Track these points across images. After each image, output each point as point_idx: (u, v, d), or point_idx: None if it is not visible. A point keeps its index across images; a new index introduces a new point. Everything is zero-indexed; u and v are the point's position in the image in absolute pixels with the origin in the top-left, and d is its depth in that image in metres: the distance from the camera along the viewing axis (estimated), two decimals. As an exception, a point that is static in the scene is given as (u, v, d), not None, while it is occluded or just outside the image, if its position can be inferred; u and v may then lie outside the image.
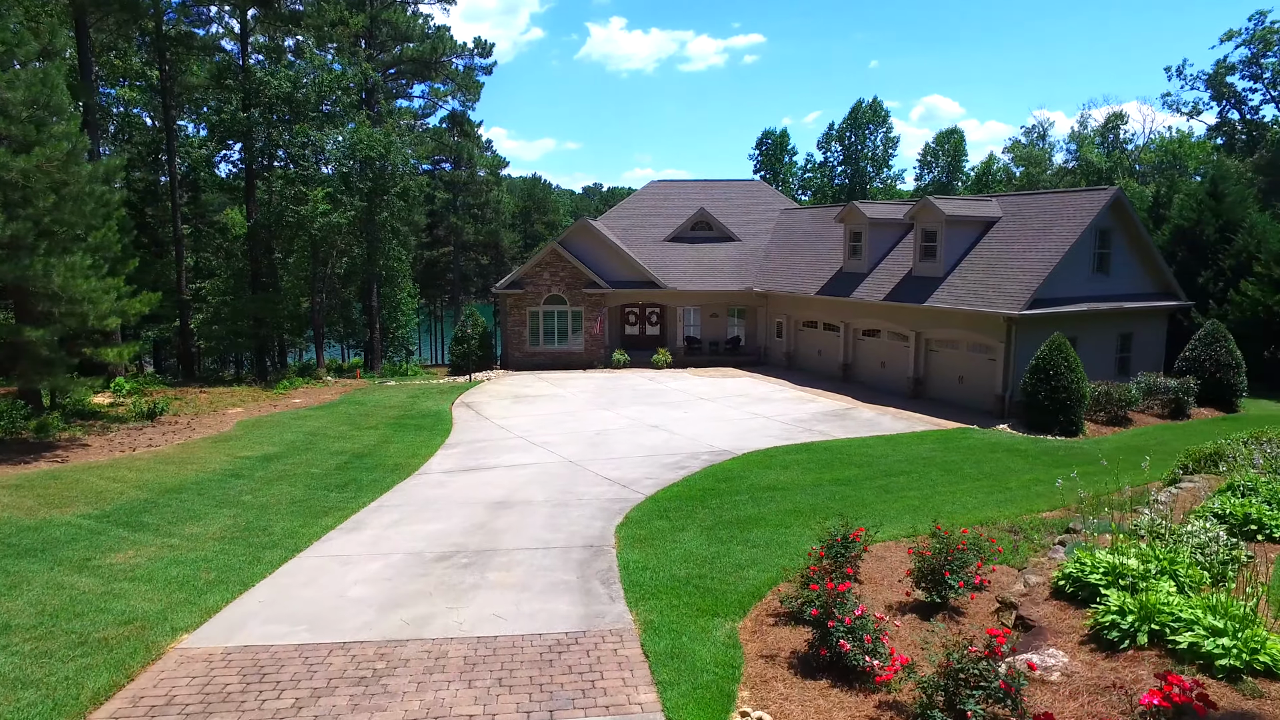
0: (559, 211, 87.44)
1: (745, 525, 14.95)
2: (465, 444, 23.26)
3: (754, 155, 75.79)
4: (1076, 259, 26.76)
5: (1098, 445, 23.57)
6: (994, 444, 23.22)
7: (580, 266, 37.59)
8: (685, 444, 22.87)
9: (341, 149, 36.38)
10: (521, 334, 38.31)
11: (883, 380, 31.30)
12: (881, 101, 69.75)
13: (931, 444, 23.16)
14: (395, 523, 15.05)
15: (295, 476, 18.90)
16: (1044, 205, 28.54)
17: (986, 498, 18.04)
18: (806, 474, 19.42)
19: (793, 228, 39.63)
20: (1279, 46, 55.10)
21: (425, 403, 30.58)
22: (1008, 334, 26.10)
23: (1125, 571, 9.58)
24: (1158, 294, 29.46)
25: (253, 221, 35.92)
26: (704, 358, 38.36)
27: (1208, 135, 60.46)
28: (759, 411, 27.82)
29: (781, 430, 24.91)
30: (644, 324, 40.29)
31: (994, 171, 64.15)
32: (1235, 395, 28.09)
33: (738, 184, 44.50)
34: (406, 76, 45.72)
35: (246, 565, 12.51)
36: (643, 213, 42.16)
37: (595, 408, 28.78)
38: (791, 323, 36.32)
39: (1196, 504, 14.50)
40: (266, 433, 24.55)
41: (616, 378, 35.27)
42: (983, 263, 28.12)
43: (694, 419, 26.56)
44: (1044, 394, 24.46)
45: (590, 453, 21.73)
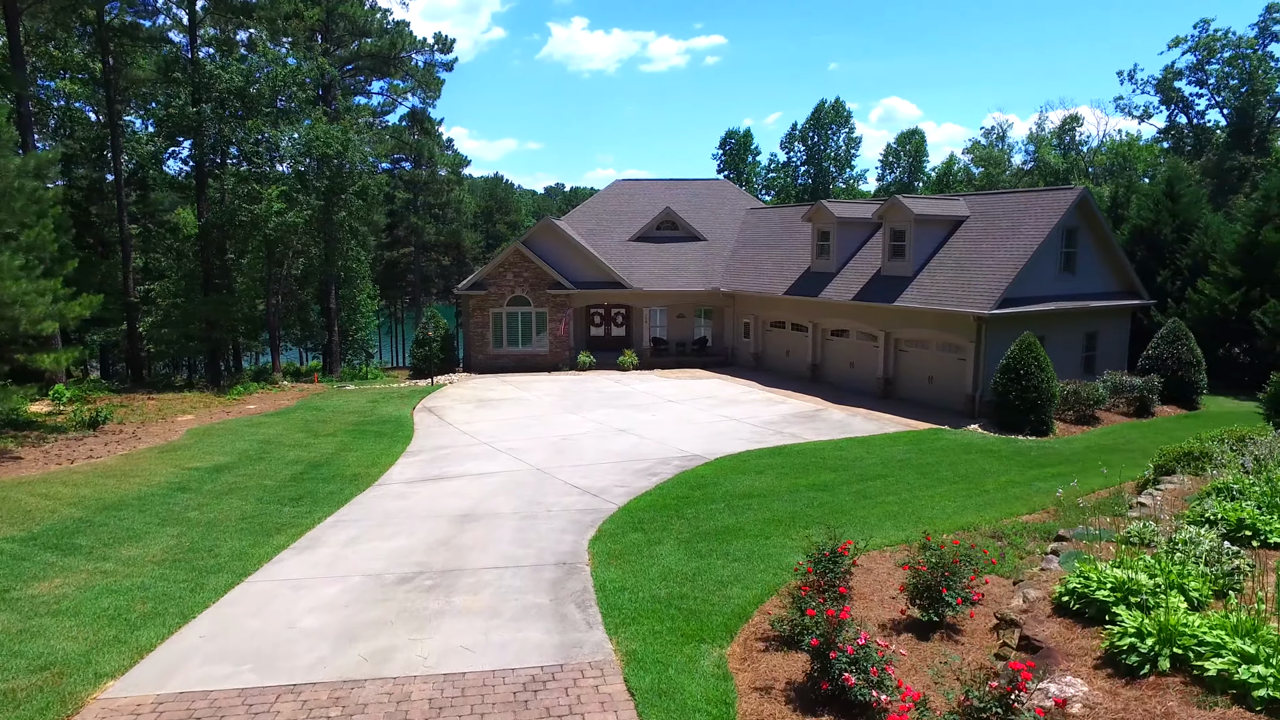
0: (521, 212, 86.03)
1: (724, 537, 14.14)
2: (428, 451, 22.16)
3: (717, 155, 75.32)
4: (1044, 258, 26.46)
5: (1068, 445, 23.23)
6: (967, 445, 22.74)
7: (544, 267, 36.55)
8: (655, 449, 22.03)
9: (297, 146, 34.89)
10: (485, 336, 37.16)
11: (852, 381, 30.78)
12: (844, 102, 69.83)
13: (905, 446, 22.62)
14: (353, 540, 13.96)
15: (247, 489, 17.66)
16: (1011, 205, 28.21)
17: (965, 501, 17.47)
18: (782, 479, 18.69)
19: (759, 227, 39.01)
20: (1222, 54, 56.01)
21: (385, 408, 29.35)
22: (978, 333, 25.69)
23: (1136, 588, 8.92)
24: (1122, 293, 29.33)
25: (204, 221, 34.27)
26: (670, 359, 37.57)
27: (1158, 138, 61.29)
28: (728, 414, 27.09)
29: (752, 433, 24.20)
30: (609, 325, 39.37)
31: (955, 172, 64.41)
32: (1196, 393, 28.05)
33: (703, 183, 43.80)
34: (365, 73, 44.20)
35: (188, 593, 11.32)
36: (607, 212, 41.24)
37: (561, 411, 27.81)
38: (759, 323, 35.69)
39: (1182, 506, 14.02)
40: (218, 441, 23.18)
41: (582, 380, 34.32)
42: (952, 262, 27.70)
43: (663, 422, 25.74)
44: (1015, 394, 24.07)
45: (558, 459, 20.78)
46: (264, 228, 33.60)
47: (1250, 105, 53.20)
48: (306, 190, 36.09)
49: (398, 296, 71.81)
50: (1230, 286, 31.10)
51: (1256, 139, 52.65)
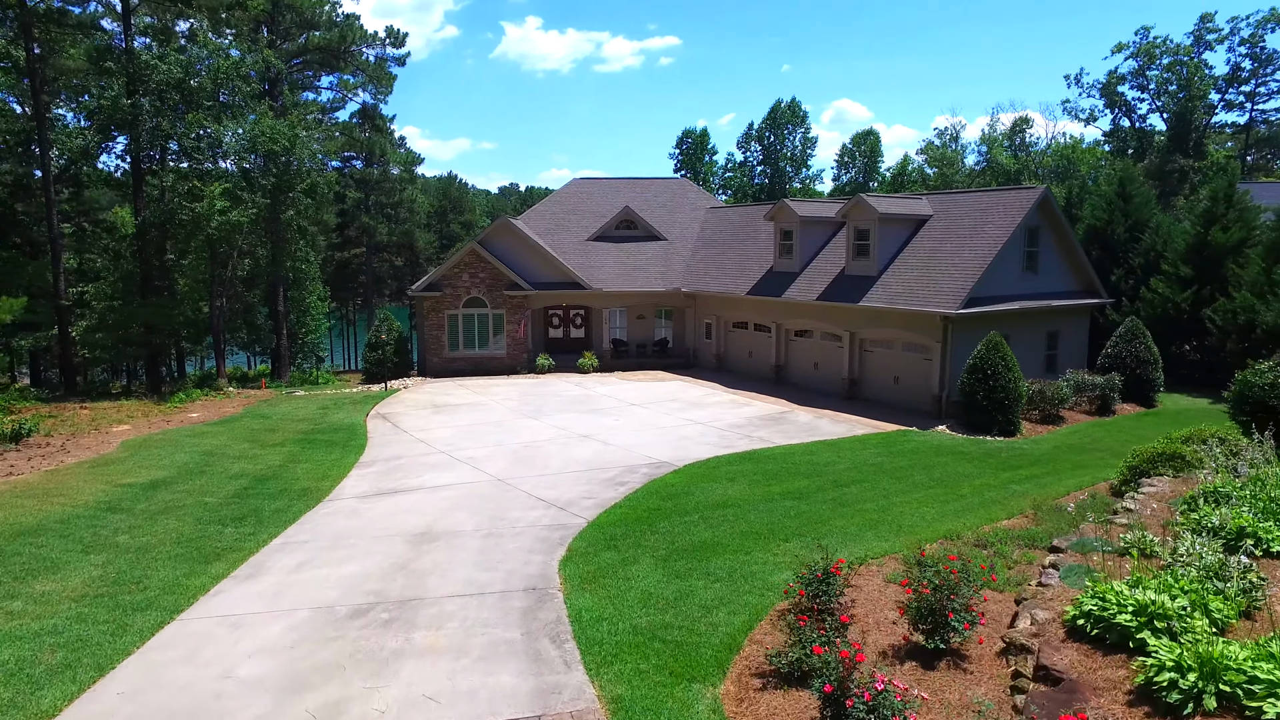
0: (475, 212, 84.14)
1: (702, 553, 13.15)
2: (382, 462, 20.79)
3: (674, 154, 74.43)
4: (1008, 257, 26.05)
5: (1037, 445, 22.78)
6: (937, 447, 22.13)
7: (501, 267, 35.23)
8: (621, 455, 20.99)
9: (242, 142, 33.00)
10: (440, 339, 35.70)
11: (817, 381, 30.09)
12: (800, 102, 69.41)
13: (875, 448, 21.93)
14: (302, 565, 12.63)
15: (185, 508, 16.14)
16: (974, 204, 27.78)
17: (943, 507, 16.76)
18: (755, 487, 17.79)
19: (720, 226, 38.18)
20: (1161, 60, 56.96)
21: (337, 415, 27.81)
22: (944, 333, 25.15)
23: (1161, 612, 8.14)
24: (1082, 292, 29.13)
25: (141, 220, 32.20)
26: (631, 361, 36.53)
27: (1100, 141, 62.17)
28: (693, 417, 26.16)
29: (719, 437, 23.30)
30: (568, 326, 38.19)
31: (909, 172, 64.54)
32: (1154, 391, 27.94)
33: (662, 182, 42.83)
34: (313, 67, 42.21)
35: (108, 637, 9.88)
36: (565, 211, 40.04)
37: (521, 417, 26.60)
38: (721, 324, 34.85)
39: (1169, 512, 13.45)
40: (156, 454, 21.48)
41: (541, 383, 33.10)
42: (916, 261, 27.15)
43: (627, 427, 24.70)
44: (982, 394, 23.57)
45: (520, 469, 19.60)
46: (206, 227, 31.69)
47: (1188, 110, 54.13)
48: (252, 188, 34.21)
49: (349, 298, 69.55)
50: (1182, 285, 31.16)
51: (1194, 143, 53.59)
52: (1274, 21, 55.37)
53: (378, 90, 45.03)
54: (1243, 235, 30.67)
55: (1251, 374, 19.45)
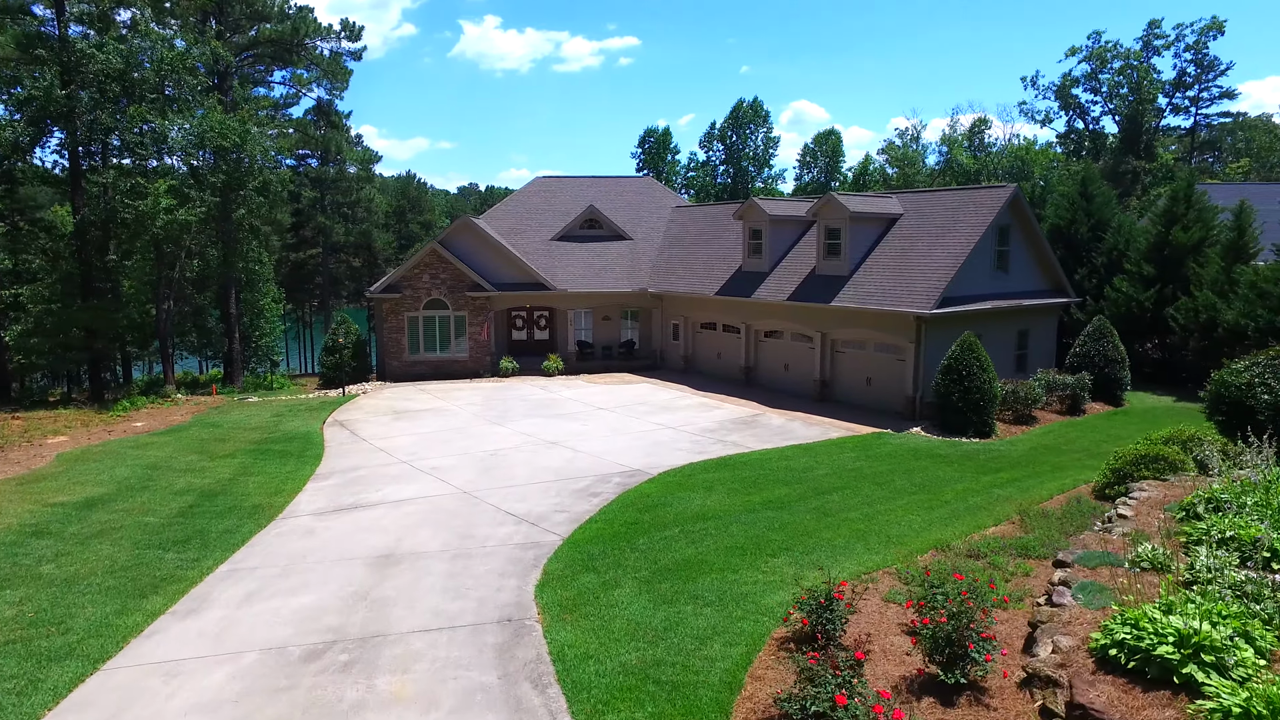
0: (435, 211, 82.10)
1: (687, 573, 12.16)
2: (340, 473, 19.46)
3: (636, 154, 73.30)
4: (980, 256, 25.54)
5: (1013, 446, 22.26)
6: (914, 450, 21.46)
7: (463, 268, 33.89)
8: (592, 463, 19.94)
9: (189, 137, 31.16)
10: (400, 342, 34.23)
11: (787, 383, 29.33)
12: (762, 102, 68.88)
13: (852, 452, 21.19)
14: (251, 596, 11.35)
15: (123, 530, 14.70)
16: (945, 203, 27.25)
17: (928, 514, 16.03)
18: (734, 496, 16.88)
19: (687, 225, 37.28)
20: (1113, 64, 57.56)
21: (292, 422, 26.31)
22: (918, 333, 24.54)
23: (1207, 642, 7.35)
24: (1050, 291, 28.81)
25: (80, 218, 30.21)
26: (597, 363, 35.45)
27: (1053, 142, 62.69)
28: (663, 421, 25.20)
29: (692, 442, 22.37)
30: (532, 328, 36.97)
31: (870, 172, 64.42)
32: (1121, 389, 27.72)
33: (627, 180, 41.80)
34: (265, 61, 40.30)
35: (15, 697, 8.47)
36: (528, 210, 38.79)
37: (486, 423, 25.38)
38: (689, 325, 33.94)
39: (1165, 519, 12.81)
40: (94, 468, 19.87)
41: (505, 387, 31.86)
42: (888, 261, 26.52)
43: (596, 433, 23.66)
44: (957, 395, 23.00)
45: (487, 480, 18.43)
46: (151, 226, 29.83)
47: (1138, 113, 54.73)
48: (200, 186, 32.37)
49: (305, 300, 67.26)
50: (1145, 284, 31.07)
51: (1145, 145, 54.19)
52: (1215, 30, 56.34)
53: (333, 86, 43.22)
54: (1202, 235, 30.68)
55: (1227, 373, 19.09)
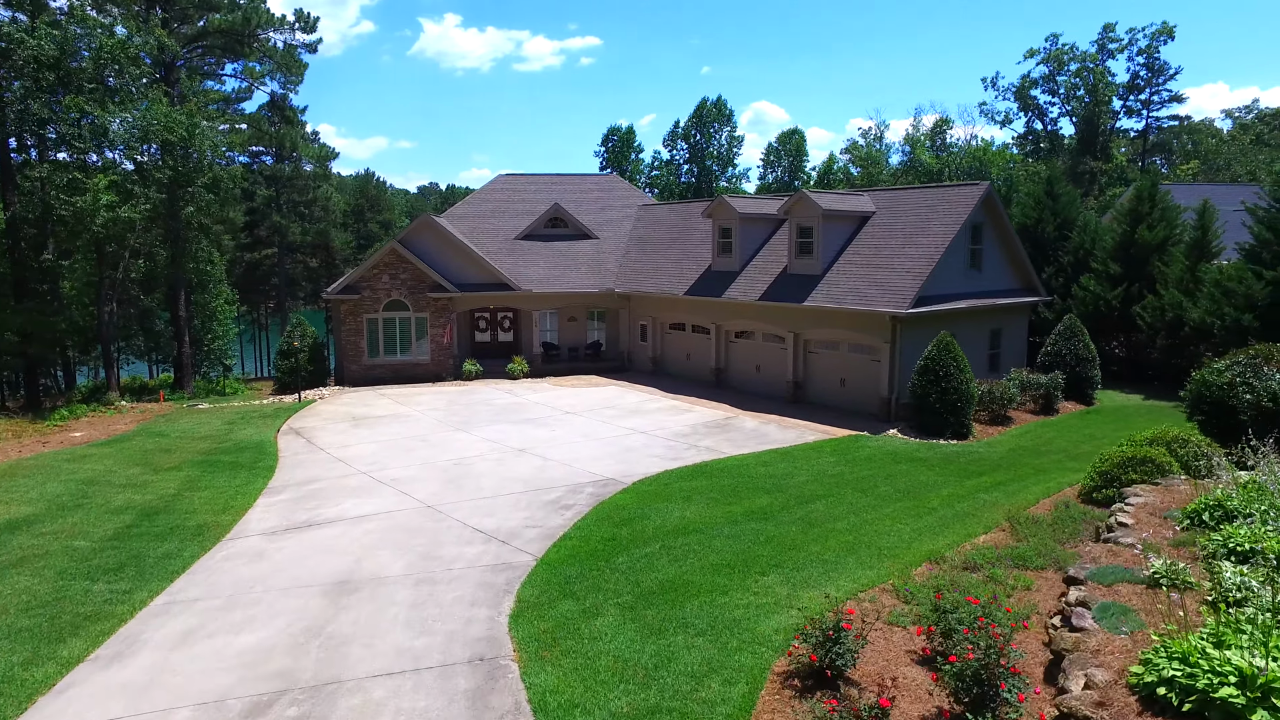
0: (394, 211, 79.95)
1: (673, 596, 11.16)
2: (294, 486, 18.11)
3: (600, 152, 72.10)
4: (954, 255, 24.96)
5: (991, 448, 21.66)
6: (894, 453, 20.73)
7: (424, 268, 32.50)
8: (562, 472, 18.85)
9: (132, 130, 29.29)
10: (359, 344, 32.72)
11: (759, 385, 28.49)
12: (726, 101, 68.10)
13: (831, 456, 20.39)
14: (188, 636, 10.06)
15: (47, 557, 13.24)
16: (918, 200, 26.63)
17: (917, 523, 15.25)
18: (714, 507, 15.92)
19: (654, 224, 36.28)
20: (1069, 66, 57.96)
21: (245, 430, 24.79)
22: (893, 334, 23.86)
23: (1276, 684, 6.53)
24: (1022, 289, 28.39)
25: (11, 214, 28.19)
26: (563, 365, 34.29)
27: (1011, 144, 62.99)
28: (634, 425, 24.19)
29: (665, 448, 21.40)
30: (496, 330, 35.68)
31: (835, 172, 64.09)
32: (1092, 388, 27.41)
33: (592, 178, 40.69)
34: (215, 53, 38.27)
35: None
36: (491, 209, 37.48)
37: (449, 429, 24.13)
38: (657, 325, 32.95)
39: (1168, 528, 12.16)
40: (22, 484, 18.24)
41: (469, 391, 30.56)
42: (861, 259, 25.82)
43: (564, 439, 22.57)
44: (935, 396, 22.36)
45: (452, 492, 17.25)
46: (90, 224, 27.96)
47: (1095, 115, 55.12)
48: (145, 182, 30.50)
49: (261, 301, 64.88)
50: (1112, 283, 30.87)
51: (1101, 146, 54.59)
52: (1165, 35, 57.02)
53: (287, 79, 41.30)
54: (1166, 234, 30.56)
55: (1208, 373, 18.65)
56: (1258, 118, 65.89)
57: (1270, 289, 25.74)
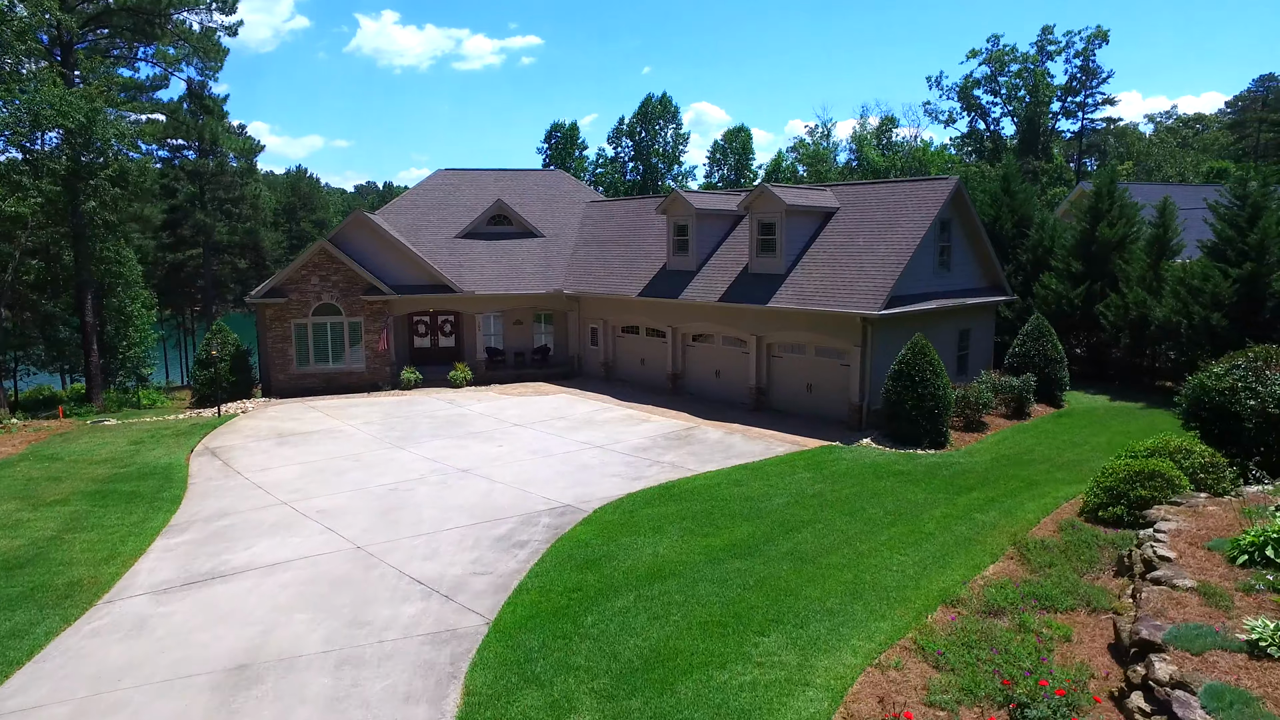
0: (329, 210, 75.58)
1: (660, 673, 8.91)
2: (202, 522, 15.28)
3: (543, 149, 69.13)
4: (923, 253, 23.28)
5: (971, 457, 19.97)
6: (873, 467, 18.84)
7: (357, 269, 29.52)
8: (513, 498, 16.45)
9: (19, 115, 25.65)
10: (286, 352, 29.56)
11: (720, 391, 26.41)
12: (671, 97, 65.90)
13: (806, 472, 18.40)
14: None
15: None
16: (884, 196, 24.87)
17: (917, 552, 13.34)
18: (690, 540, 13.73)
19: (603, 221, 33.89)
20: (1010, 67, 57.59)
21: (153, 451, 21.71)
22: (864, 336, 22.02)
23: None
24: (989, 288, 26.94)
25: (-124, 210, 24.36)
26: (509, 371, 31.66)
27: (948, 144, 62.40)
28: (589, 438, 21.88)
29: (625, 465, 19.16)
30: (437, 334, 32.86)
31: (783, 170, 62.51)
32: (1060, 390, 26.08)
33: (537, 174, 38.07)
34: (123, 34, 34.31)
35: None
36: (429, 206, 34.60)
37: (386, 446, 21.44)
38: (609, 328, 30.59)
39: (1222, 566, 10.37)
40: None
41: (408, 402, 27.76)
42: (827, 257, 23.93)
43: (513, 455, 20.14)
44: (911, 403, 20.59)
45: (387, 527, 14.67)
46: (-29, 221, 24.31)
47: (1036, 115, 54.77)
48: (37, 173, 26.82)
49: (186, 305, 60.28)
50: (1073, 281, 29.71)
51: (1042, 146, 54.27)
52: (1100, 38, 57.08)
53: (205, 65, 37.59)
54: (1125, 231, 29.52)
55: (1207, 377, 17.19)
56: (1181, 122, 66.87)
57: (1237, 286, 24.77)
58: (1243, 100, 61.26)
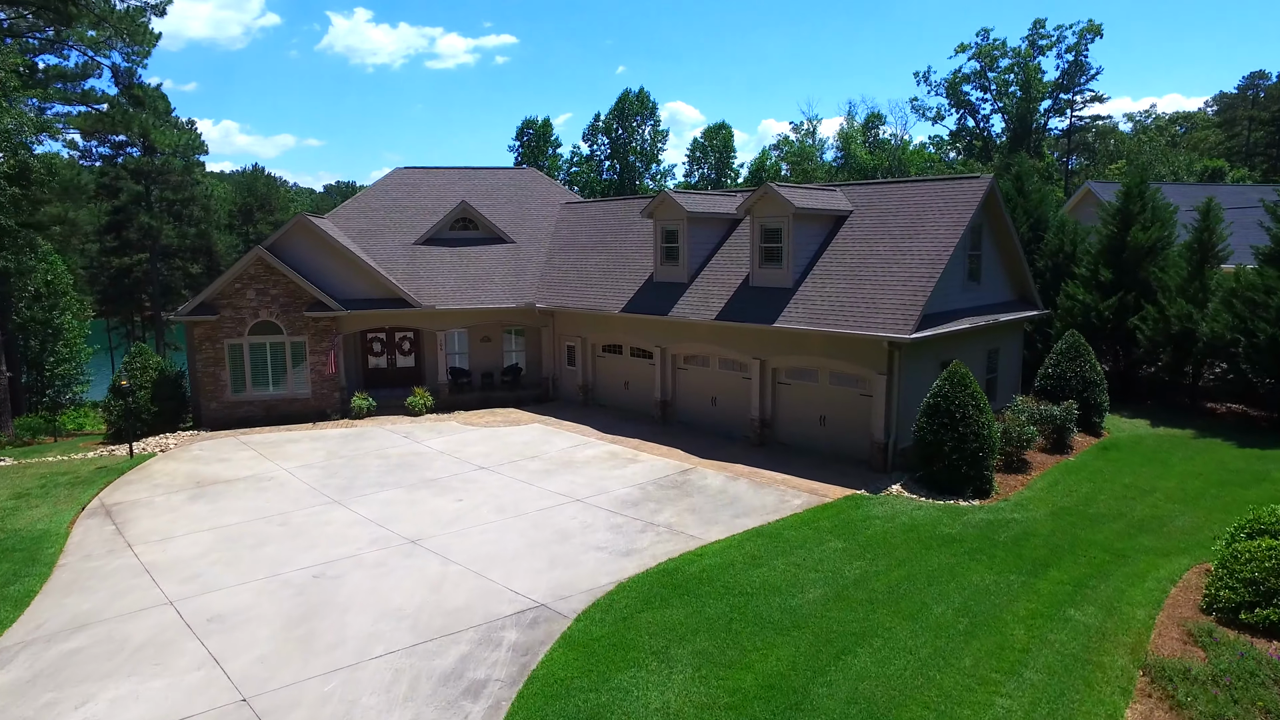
0: (289, 211, 70.32)
1: None
2: (41, 644, 11.08)
3: (514, 147, 64.29)
4: (953, 264, 19.44)
5: (1026, 510, 16.19)
6: (913, 529, 15.00)
7: (300, 281, 25.13)
8: (470, 592, 12.45)
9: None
10: (219, 377, 25.11)
11: (716, 422, 22.44)
12: (649, 92, 61.43)
13: (835, 539, 14.54)
14: None
15: None
16: (905, 198, 21.03)
17: (1019, 688, 9.75)
18: (710, 678, 9.83)
19: (581, 226, 29.70)
20: (1000, 63, 54.20)
21: (33, 510, 17.42)
22: (890, 363, 18.17)
23: None
24: (1018, 301, 23.30)
25: None
26: (475, 395, 27.39)
27: (946, 141, 58.88)
28: (567, 487, 17.87)
29: (612, 529, 15.22)
30: (394, 353, 28.52)
31: (768, 167, 58.51)
32: (1099, 416, 22.47)
33: (506, 173, 33.78)
34: (48, 16, 29.27)
35: None
36: (386, 208, 30.22)
37: (322, 500, 17.28)
38: (588, 347, 26.46)
39: None
40: None
41: (358, 435, 23.47)
42: (842, 269, 20.03)
43: (475, 514, 16.14)
44: (951, 444, 16.79)
45: (294, 654, 10.55)
46: None
47: (1028, 112, 51.43)
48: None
49: (133, 313, 55.13)
50: (1102, 291, 26.10)
51: (1034, 143, 50.96)
52: (1092, 33, 53.92)
53: (132, 50, 32.76)
54: (1160, 235, 25.98)
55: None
56: (1170, 120, 64.05)
57: (1305, 299, 21.26)
58: (1229, 99, 58.56)
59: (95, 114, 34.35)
